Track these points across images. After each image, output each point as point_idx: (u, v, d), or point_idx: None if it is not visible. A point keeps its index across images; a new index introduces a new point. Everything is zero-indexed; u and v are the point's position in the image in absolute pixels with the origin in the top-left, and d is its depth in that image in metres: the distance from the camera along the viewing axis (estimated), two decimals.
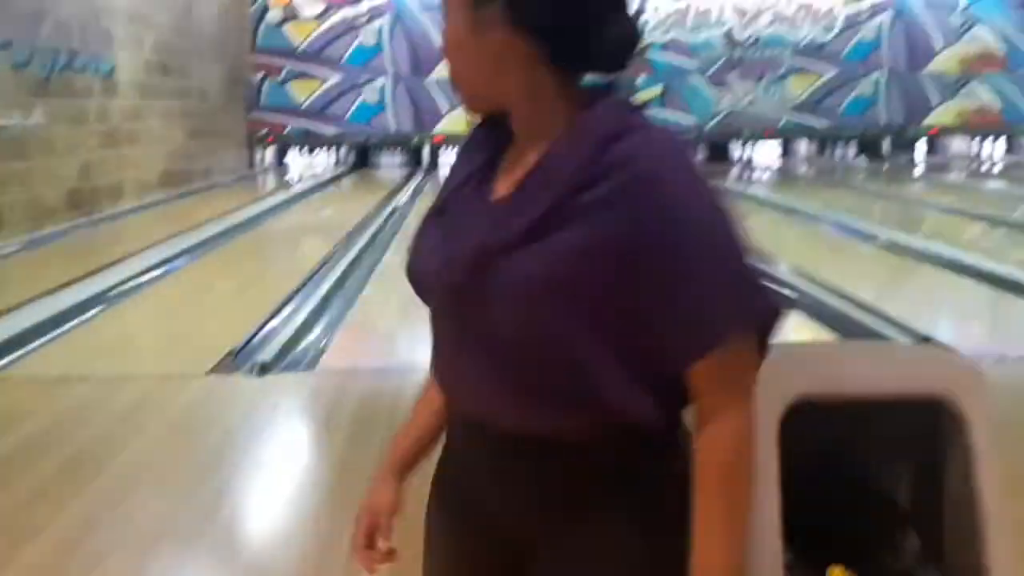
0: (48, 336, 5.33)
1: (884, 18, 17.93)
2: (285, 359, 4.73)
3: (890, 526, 1.08)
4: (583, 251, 1.05)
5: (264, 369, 4.45)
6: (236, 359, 4.70)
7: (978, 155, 18.24)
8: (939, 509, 1.06)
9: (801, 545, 1.05)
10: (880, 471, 1.10)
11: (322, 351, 4.97)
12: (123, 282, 6.80)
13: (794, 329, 5.59)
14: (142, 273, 7.13)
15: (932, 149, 18.24)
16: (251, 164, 16.73)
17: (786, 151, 18.20)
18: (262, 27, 17.10)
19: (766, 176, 16.47)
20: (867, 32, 17.93)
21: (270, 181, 15.70)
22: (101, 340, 5.43)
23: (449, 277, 1.11)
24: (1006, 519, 1.08)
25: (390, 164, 17.62)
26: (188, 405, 4.07)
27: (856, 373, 0.95)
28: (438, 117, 17.32)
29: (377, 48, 17.33)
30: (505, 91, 1.13)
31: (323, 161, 17.38)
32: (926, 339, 4.79)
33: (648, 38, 17.47)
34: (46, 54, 9.20)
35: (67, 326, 5.59)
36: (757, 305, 1.08)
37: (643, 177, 1.05)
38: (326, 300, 6.16)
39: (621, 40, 1.12)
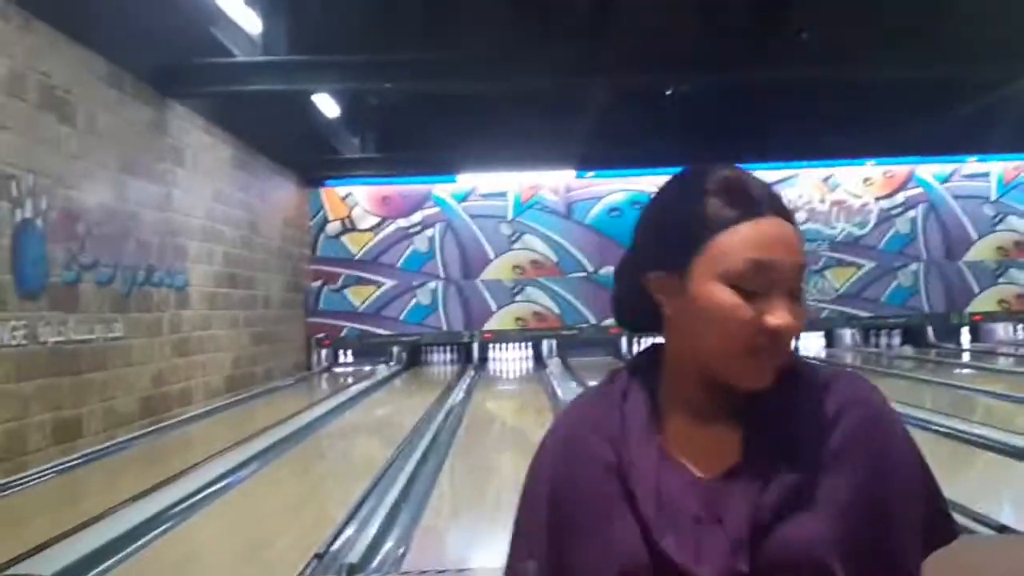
0: (129, 549, 5.35)
1: (918, 211, 18.53)
2: (370, 562, 4.89)
3: None
4: (845, 504, 1.05)
5: (352, 572, 4.60)
6: (322, 562, 4.87)
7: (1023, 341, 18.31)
8: None
9: None
10: None
11: (403, 554, 5.12)
12: (199, 490, 6.96)
13: None
14: (215, 481, 7.28)
15: (976, 336, 18.36)
16: (309, 366, 17.24)
17: (830, 341, 18.41)
18: (321, 238, 18.10)
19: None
20: (902, 225, 18.49)
21: (327, 382, 16.11)
22: (184, 550, 5.59)
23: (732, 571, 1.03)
24: None
25: (441, 361, 18.10)
26: None
27: (981, 564, 1.09)
28: (487, 315, 18.01)
29: (430, 254, 18.21)
30: None
31: (378, 361, 17.87)
32: (1003, 528, 4.83)
33: None
34: (127, 271, 9.80)
35: (148, 536, 5.66)
36: (947, 536, 1.13)
37: (871, 421, 1.10)
38: (399, 501, 6.32)
39: None
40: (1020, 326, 18.48)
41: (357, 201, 18.15)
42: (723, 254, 1.08)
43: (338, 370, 17.60)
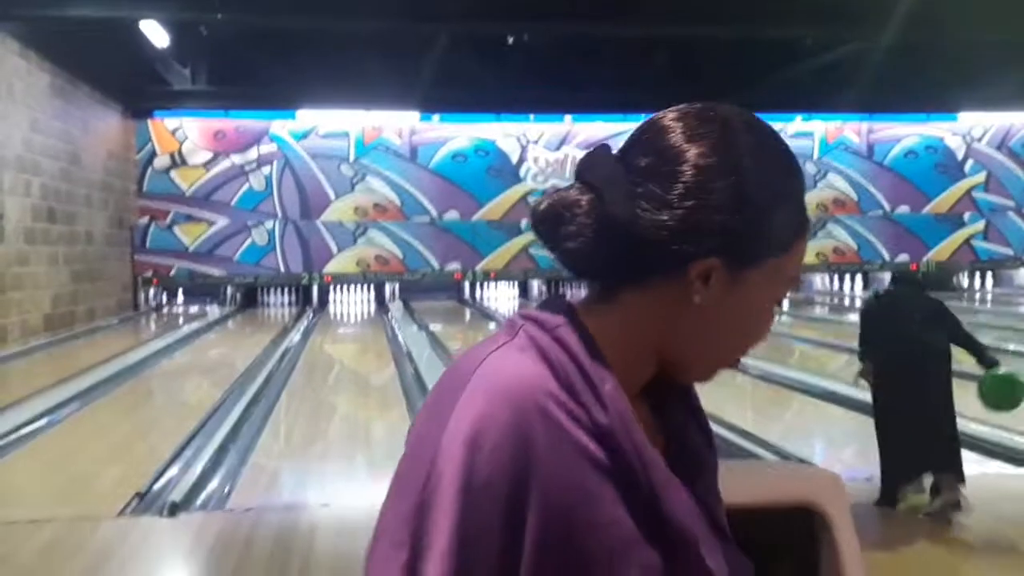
0: None
1: None
2: (194, 499, 4.79)
3: None
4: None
5: (174, 509, 4.49)
6: (143, 501, 4.74)
7: (839, 291, 19.51)
8: None
9: None
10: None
11: (229, 491, 5.04)
12: (15, 429, 6.67)
13: None
14: (33, 419, 7.01)
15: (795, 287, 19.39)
16: (135, 306, 16.55)
17: None
18: (149, 173, 17.28)
19: None
20: None
21: (155, 323, 15.53)
22: (0, 487, 5.36)
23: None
24: None
25: (279, 303, 17.74)
26: (102, 548, 4.08)
27: (733, 486, 1.00)
28: (328, 257, 17.73)
29: (266, 192, 17.69)
30: None
31: (210, 301, 17.33)
32: (803, 463, 5.17)
33: None
34: None
35: None
36: None
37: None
38: (227, 441, 6.20)
39: None
40: (836, 277, 19.70)
41: (188, 135, 17.40)
42: (791, 264, 0.88)
43: (167, 310, 17.00)
